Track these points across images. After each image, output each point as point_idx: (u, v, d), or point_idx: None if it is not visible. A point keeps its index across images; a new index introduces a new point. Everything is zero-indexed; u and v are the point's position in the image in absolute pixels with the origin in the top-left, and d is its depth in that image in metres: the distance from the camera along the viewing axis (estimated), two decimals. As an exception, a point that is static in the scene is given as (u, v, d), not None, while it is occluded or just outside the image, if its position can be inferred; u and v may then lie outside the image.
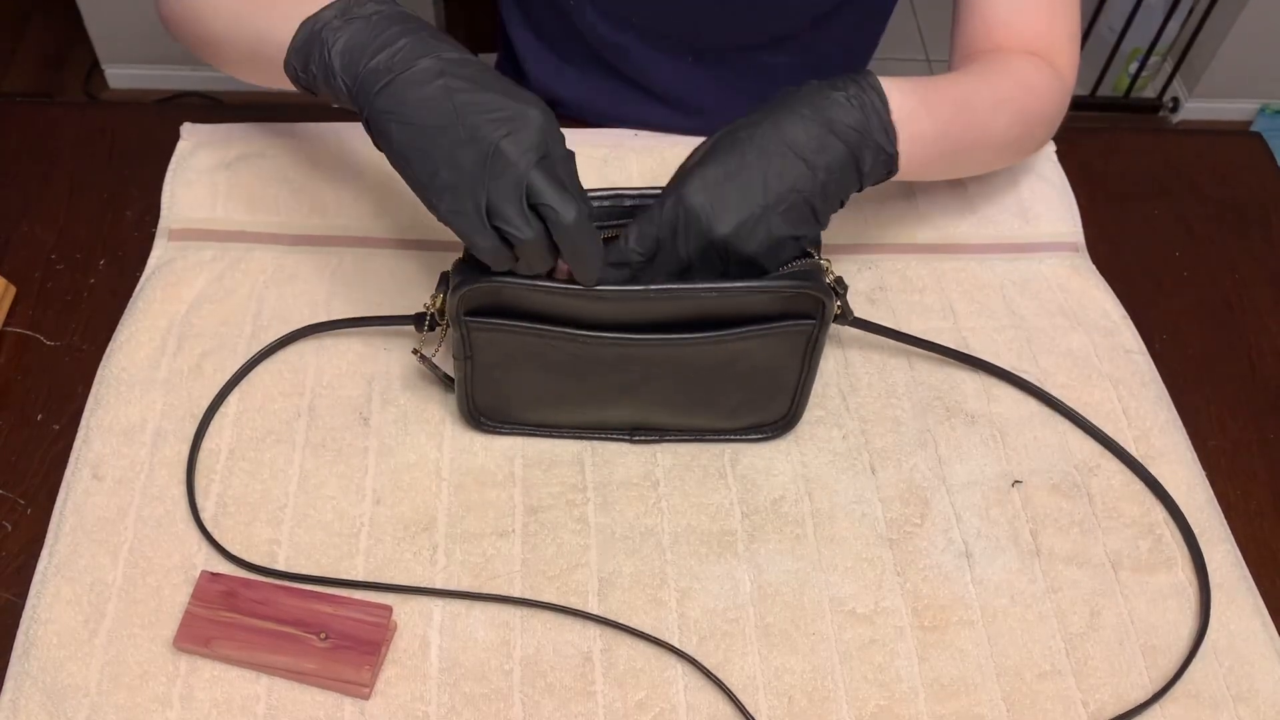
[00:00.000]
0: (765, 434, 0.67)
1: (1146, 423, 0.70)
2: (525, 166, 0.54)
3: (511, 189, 0.54)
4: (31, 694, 0.55)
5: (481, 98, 0.55)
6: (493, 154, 0.54)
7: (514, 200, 0.54)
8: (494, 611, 0.60)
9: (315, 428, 0.67)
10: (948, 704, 0.58)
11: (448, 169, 0.55)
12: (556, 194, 0.54)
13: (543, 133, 0.55)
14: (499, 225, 0.55)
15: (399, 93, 0.56)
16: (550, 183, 0.54)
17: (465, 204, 0.55)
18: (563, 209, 0.54)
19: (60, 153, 0.82)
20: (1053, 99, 0.74)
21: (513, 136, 0.54)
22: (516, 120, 0.55)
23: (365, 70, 0.57)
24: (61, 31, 2.29)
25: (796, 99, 0.60)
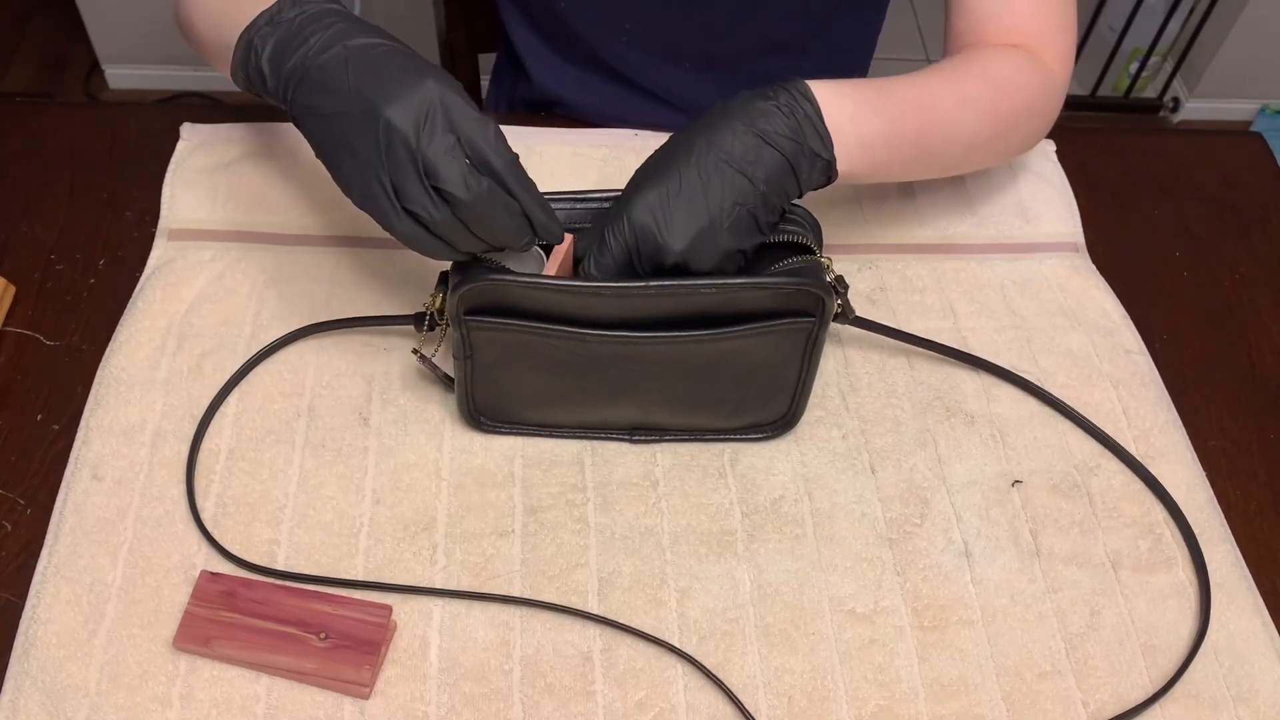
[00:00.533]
0: (765, 434, 0.67)
1: (1146, 423, 0.70)
2: (417, 141, 0.53)
3: (409, 166, 0.54)
4: (31, 694, 0.55)
5: (375, 75, 0.55)
6: (383, 131, 0.53)
7: (413, 178, 0.54)
8: (494, 611, 0.60)
9: (315, 428, 0.67)
10: (948, 704, 0.58)
11: (350, 155, 0.55)
12: (449, 171, 0.53)
13: (433, 102, 0.54)
14: (409, 207, 0.54)
15: (309, 87, 0.57)
16: (442, 158, 0.53)
17: (373, 188, 0.55)
18: (454, 186, 0.54)
19: (60, 153, 0.82)
20: (1035, 95, 0.73)
21: (399, 109, 0.53)
22: (405, 92, 0.54)
23: (285, 72, 0.58)
24: (61, 31, 2.29)
25: (728, 113, 0.60)
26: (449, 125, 0.54)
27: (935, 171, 0.73)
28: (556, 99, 0.94)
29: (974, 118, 0.70)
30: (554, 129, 0.85)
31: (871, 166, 0.65)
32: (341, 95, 0.55)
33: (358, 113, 0.54)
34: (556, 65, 0.93)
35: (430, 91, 0.54)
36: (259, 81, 0.61)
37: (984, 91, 0.70)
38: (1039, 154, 0.86)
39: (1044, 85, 0.73)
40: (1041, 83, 0.73)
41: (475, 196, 0.54)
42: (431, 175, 0.54)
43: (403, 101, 0.54)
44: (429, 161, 0.53)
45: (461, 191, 0.54)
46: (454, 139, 0.54)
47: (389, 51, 0.57)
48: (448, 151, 0.54)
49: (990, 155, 0.75)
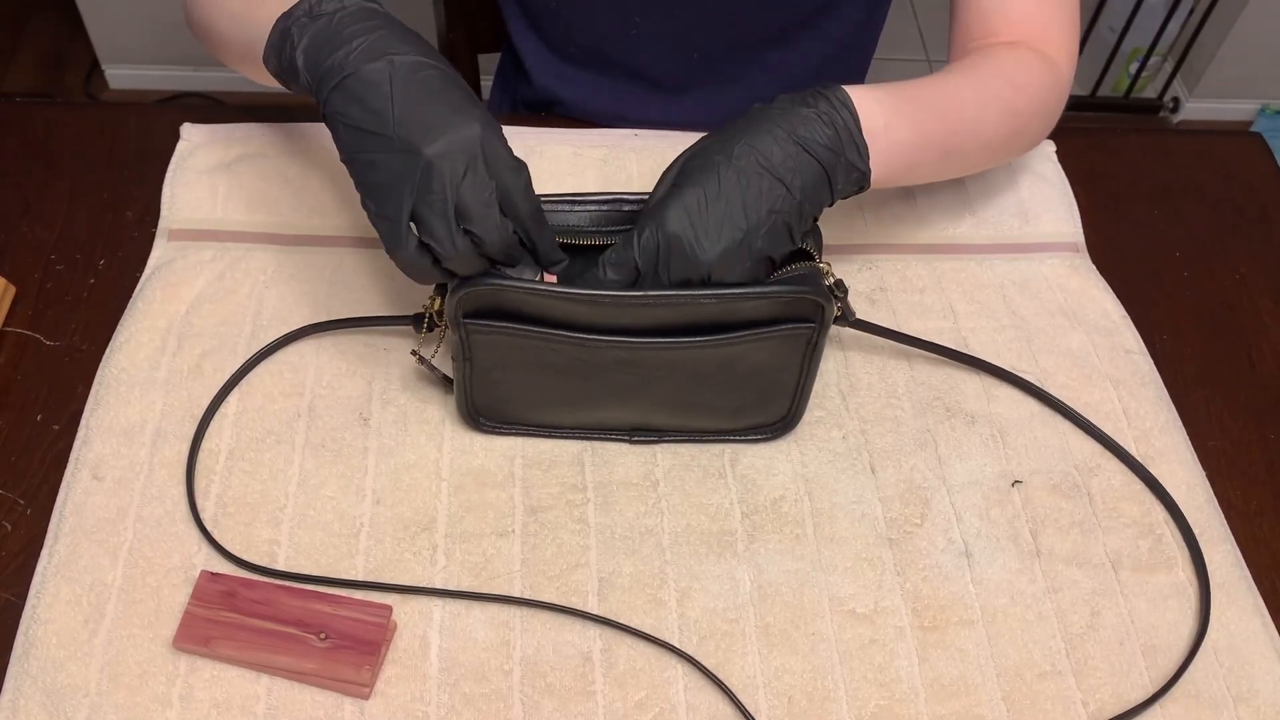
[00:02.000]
0: (765, 434, 0.67)
1: (1146, 423, 0.70)
2: (458, 186, 0.54)
3: (439, 205, 0.54)
4: (31, 694, 0.55)
5: (423, 109, 0.55)
6: (424, 168, 0.54)
7: (441, 216, 0.54)
8: (494, 611, 0.60)
9: (315, 428, 0.67)
10: (948, 704, 0.58)
11: (383, 176, 0.55)
12: (484, 220, 0.55)
13: (479, 149, 0.55)
14: (428, 240, 0.55)
15: (347, 94, 0.57)
16: (479, 206, 0.55)
17: (391, 210, 0.55)
18: (487, 233, 0.55)
19: (60, 153, 0.82)
20: (1046, 92, 0.73)
21: (446, 152, 0.54)
22: (452, 135, 0.54)
23: (322, 69, 0.58)
24: (61, 31, 2.29)
25: (768, 118, 0.59)
26: (489, 172, 0.55)
27: (955, 172, 0.73)
28: (557, 99, 0.94)
29: (994, 118, 0.70)
30: (554, 129, 0.85)
31: (901, 172, 0.65)
32: (383, 118, 0.55)
33: (398, 141, 0.55)
34: (556, 65, 0.93)
35: (475, 137, 0.55)
36: (290, 72, 0.60)
37: (1002, 91, 0.70)
38: (1039, 154, 0.86)
39: (1054, 82, 0.74)
40: (1052, 80, 0.74)
41: (502, 241, 0.56)
42: (464, 218, 0.55)
43: (448, 144, 0.54)
44: (464, 206, 0.54)
45: (494, 238, 0.56)
46: (493, 187, 0.55)
47: (436, 78, 0.57)
48: (486, 201, 0.55)
49: (1006, 153, 0.75)
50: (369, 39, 0.57)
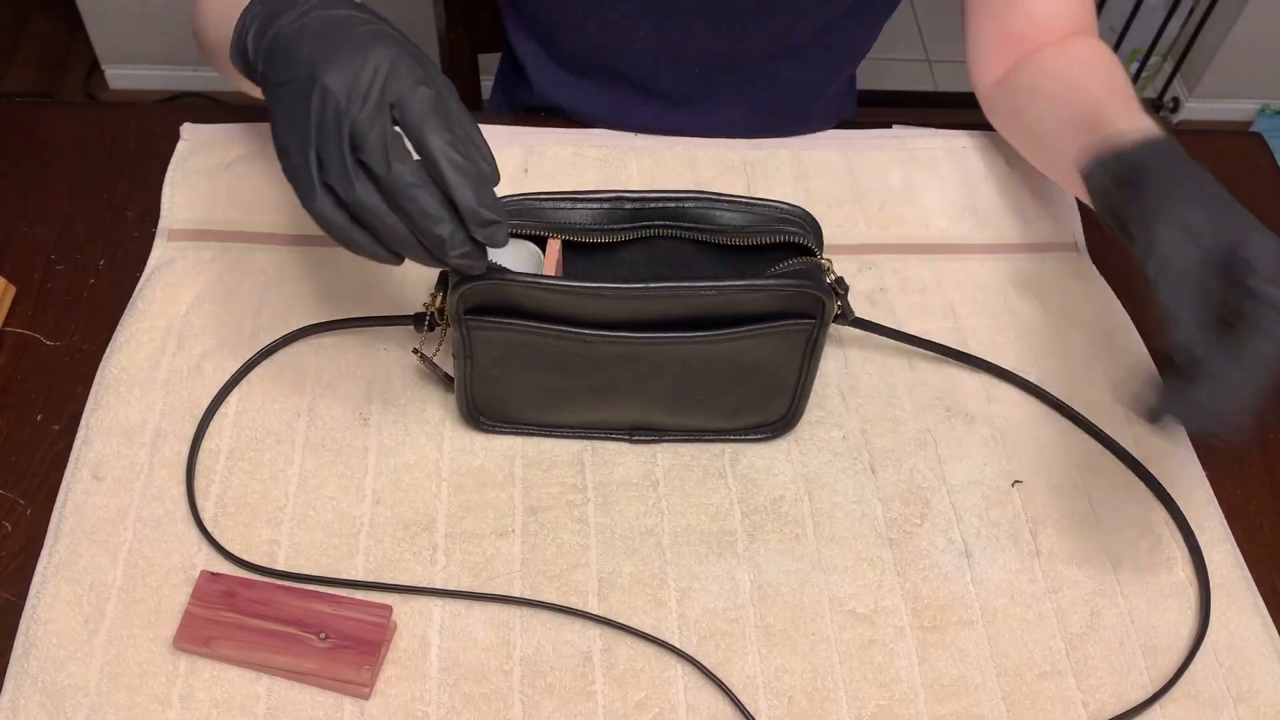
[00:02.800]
0: (765, 434, 0.67)
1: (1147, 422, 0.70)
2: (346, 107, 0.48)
3: (334, 135, 0.48)
4: (31, 694, 0.55)
5: (328, 43, 0.50)
6: (318, 97, 0.49)
7: (336, 148, 0.49)
8: (494, 611, 0.60)
9: (315, 428, 0.67)
10: (948, 704, 0.58)
11: (288, 123, 0.50)
12: (370, 139, 0.48)
13: (377, 67, 0.49)
14: (329, 181, 0.49)
15: (273, 59, 0.53)
16: (365, 124, 0.48)
17: (297, 159, 0.50)
18: (372, 156, 0.48)
19: (60, 153, 0.82)
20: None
21: (337, 73, 0.48)
22: (351, 60, 0.49)
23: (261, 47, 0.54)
24: (61, 31, 2.29)
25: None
26: (387, 91, 0.49)
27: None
28: (557, 106, 0.94)
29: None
30: (554, 129, 0.85)
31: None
32: (292, 63, 0.51)
33: (302, 78, 0.50)
34: (557, 73, 0.93)
35: (377, 57, 0.49)
36: (242, 61, 0.57)
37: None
38: (1039, 154, 0.86)
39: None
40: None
41: (395, 172, 0.48)
42: (356, 146, 0.49)
43: (343, 66, 0.49)
44: (355, 129, 0.48)
45: (379, 163, 0.48)
46: (387, 106, 0.49)
47: (356, 21, 0.52)
48: (373, 117, 0.48)
49: None
50: (304, 6, 0.53)
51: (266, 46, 0.54)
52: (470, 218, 0.50)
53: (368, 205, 0.50)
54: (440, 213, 0.49)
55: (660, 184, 0.82)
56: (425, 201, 0.49)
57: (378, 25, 0.52)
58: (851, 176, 0.83)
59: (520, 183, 0.80)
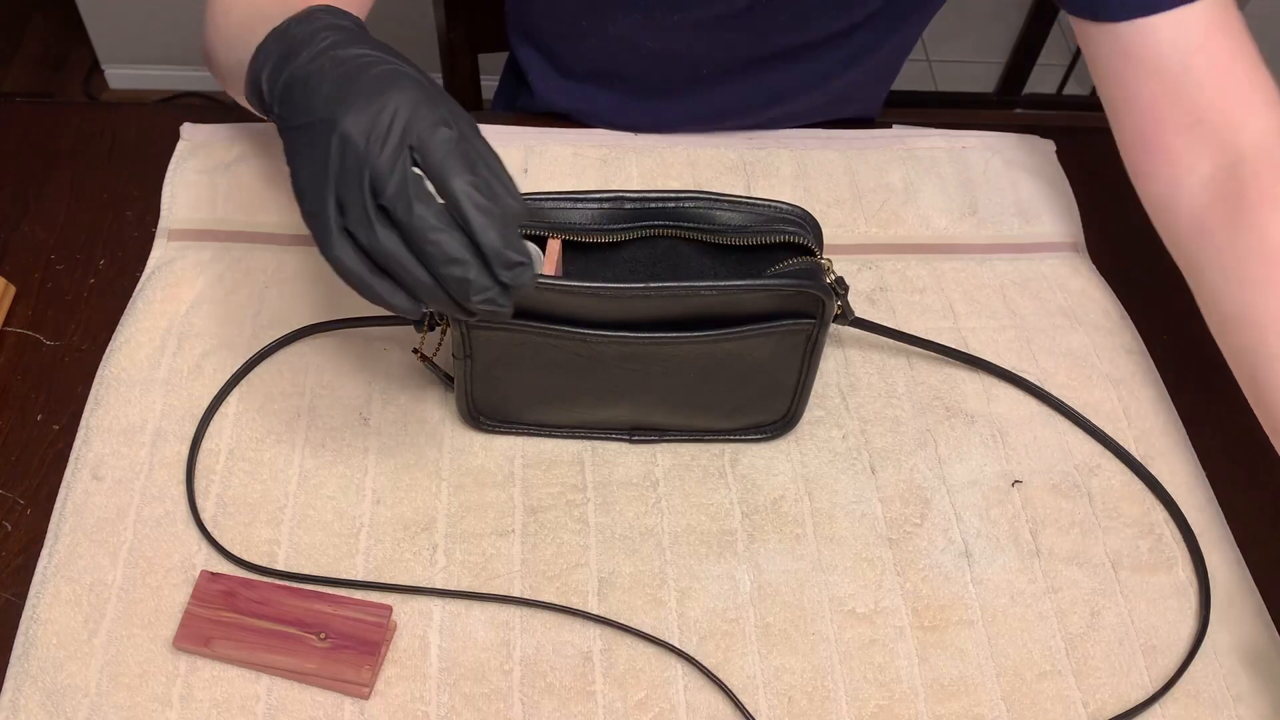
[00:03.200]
0: (765, 434, 0.67)
1: (1146, 423, 0.70)
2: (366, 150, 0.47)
3: (355, 179, 0.47)
4: (31, 694, 0.55)
5: (345, 85, 0.49)
6: (338, 141, 0.47)
7: (357, 192, 0.47)
8: (494, 611, 0.60)
9: (315, 428, 0.67)
10: (948, 704, 0.58)
11: (307, 165, 0.49)
12: (392, 182, 0.46)
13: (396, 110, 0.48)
14: (350, 227, 0.48)
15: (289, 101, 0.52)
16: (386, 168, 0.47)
17: (315, 202, 0.48)
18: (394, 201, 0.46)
19: (60, 153, 0.82)
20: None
21: (355, 116, 0.47)
22: (366, 101, 0.48)
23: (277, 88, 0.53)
24: (61, 31, 2.29)
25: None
26: (406, 134, 0.48)
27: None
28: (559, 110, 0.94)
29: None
30: (554, 129, 0.85)
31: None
32: (311, 107, 0.50)
33: (319, 121, 0.49)
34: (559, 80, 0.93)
35: (396, 98, 0.48)
36: (257, 101, 0.56)
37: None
38: (1039, 154, 0.86)
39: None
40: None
41: (417, 216, 0.47)
42: (376, 190, 0.47)
43: (361, 109, 0.48)
44: (375, 173, 0.47)
45: (403, 208, 0.47)
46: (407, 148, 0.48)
47: (372, 61, 0.51)
48: (393, 160, 0.47)
49: None
50: (318, 46, 0.52)
51: (282, 88, 0.52)
52: (495, 259, 0.48)
53: (390, 252, 0.48)
54: (464, 255, 0.48)
55: (660, 184, 0.82)
56: (449, 245, 0.47)
57: (395, 64, 0.51)
58: (851, 176, 0.83)
59: (520, 183, 0.80)
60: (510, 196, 0.49)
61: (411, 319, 0.52)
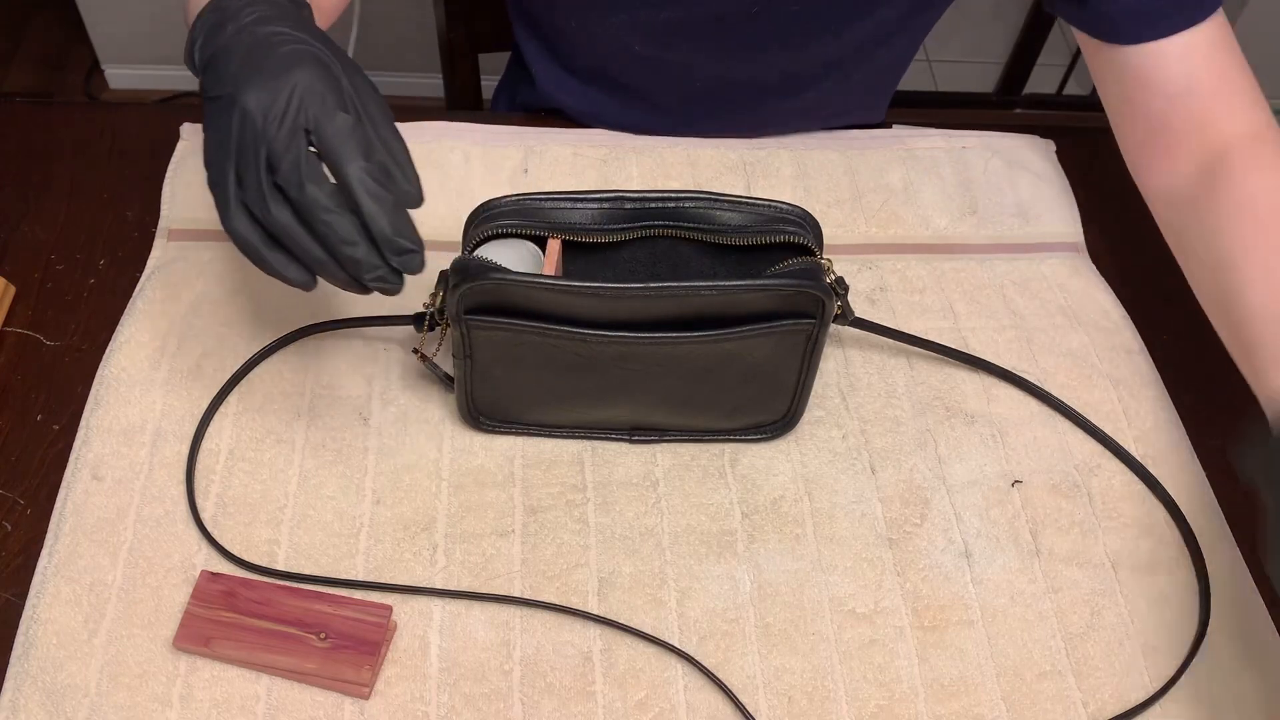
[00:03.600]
0: (765, 434, 0.67)
1: (1146, 423, 0.70)
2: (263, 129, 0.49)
3: (252, 155, 0.49)
4: (31, 694, 0.55)
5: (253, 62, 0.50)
6: (240, 117, 0.49)
7: (254, 169, 0.49)
8: (494, 611, 0.60)
9: (315, 428, 0.67)
10: (948, 704, 0.58)
11: (213, 139, 0.51)
12: (285, 162, 0.48)
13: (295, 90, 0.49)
14: (246, 201, 0.50)
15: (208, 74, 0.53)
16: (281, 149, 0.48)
17: (218, 177, 0.50)
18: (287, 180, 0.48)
19: (60, 153, 0.82)
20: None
21: (255, 94, 0.49)
22: (268, 79, 0.49)
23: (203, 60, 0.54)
24: (61, 31, 2.29)
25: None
26: (304, 115, 0.49)
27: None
28: (561, 106, 0.94)
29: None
30: (554, 129, 0.85)
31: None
32: (223, 79, 0.51)
33: (226, 96, 0.50)
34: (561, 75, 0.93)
35: (296, 78, 0.49)
36: (191, 70, 0.56)
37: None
38: (1039, 154, 0.86)
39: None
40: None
41: (308, 195, 0.48)
42: (272, 168, 0.49)
43: (262, 87, 0.49)
44: (270, 151, 0.49)
45: (293, 187, 0.48)
46: (302, 130, 0.49)
47: (283, 40, 0.52)
48: (288, 140, 0.49)
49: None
50: (243, 21, 0.53)
51: (207, 59, 0.54)
52: (385, 245, 0.50)
53: (284, 227, 0.50)
54: (353, 237, 0.49)
55: (660, 184, 0.82)
56: (339, 226, 0.49)
57: (306, 45, 0.52)
58: (851, 176, 0.83)
59: (520, 183, 0.80)
60: (406, 183, 0.51)
61: (305, 290, 0.53)
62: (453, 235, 0.67)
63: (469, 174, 0.80)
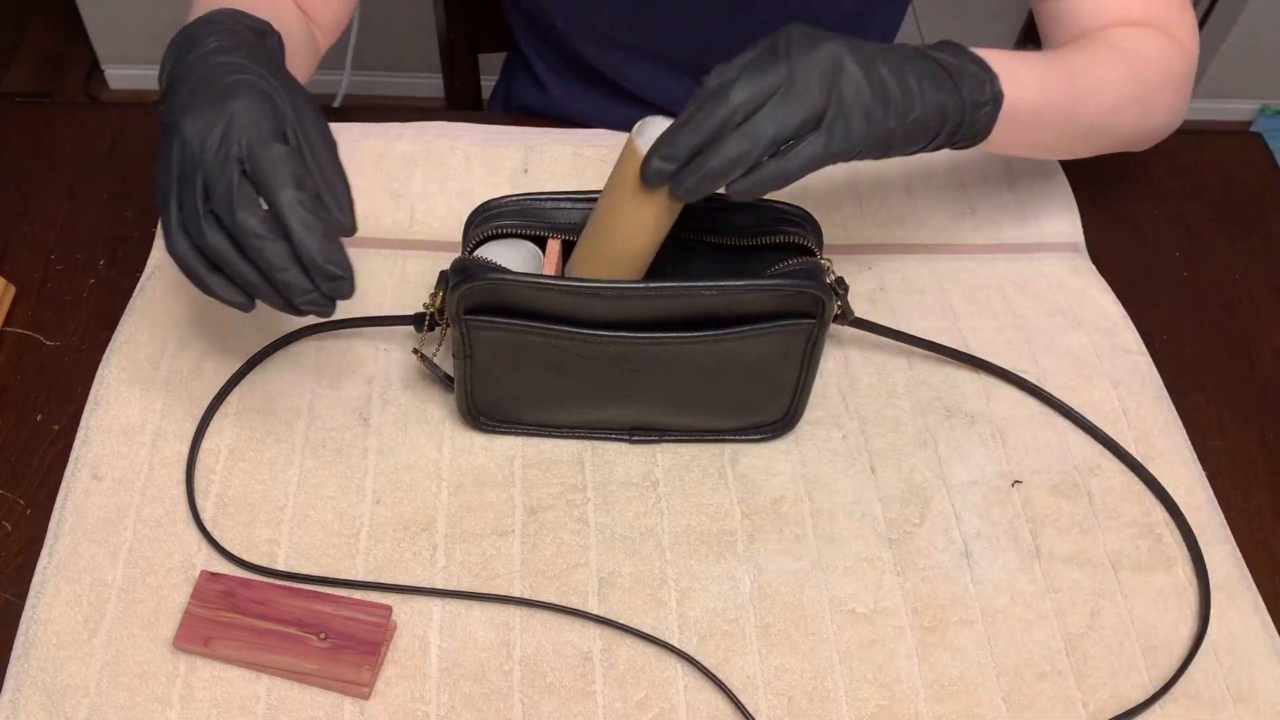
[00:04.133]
0: (765, 434, 0.67)
1: (1146, 423, 0.70)
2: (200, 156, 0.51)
3: (191, 181, 0.52)
4: (31, 694, 0.55)
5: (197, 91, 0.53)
6: (178, 142, 0.52)
7: (192, 194, 0.52)
8: (494, 611, 0.60)
9: (315, 428, 0.67)
10: (948, 704, 0.58)
11: (160, 163, 0.54)
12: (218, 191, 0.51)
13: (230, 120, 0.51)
14: (185, 225, 0.52)
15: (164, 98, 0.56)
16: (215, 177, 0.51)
17: (161, 201, 0.53)
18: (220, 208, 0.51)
19: (60, 153, 0.82)
20: (1170, 59, 0.71)
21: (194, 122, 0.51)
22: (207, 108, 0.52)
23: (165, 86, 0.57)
24: (61, 31, 2.29)
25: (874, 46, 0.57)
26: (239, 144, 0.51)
27: (1081, 141, 0.71)
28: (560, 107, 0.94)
29: (1116, 75, 0.69)
30: (554, 129, 0.85)
31: (1028, 116, 0.63)
32: (172, 106, 0.54)
33: (171, 124, 0.53)
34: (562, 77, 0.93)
35: (234, 109, 0.52)
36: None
37: (1114, 56, 0.69)
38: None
39: (1179, 53, 0.72)
40: (1176, 51, 0.72)
41: (240, 222, 0.51)
42: (208, 195, 0.51)
43: (201, 116, 0.52)
44: (206, 179, 0.51)
45: (225, 214, 0.51)
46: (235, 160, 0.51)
47: (229, 69, 0.54)
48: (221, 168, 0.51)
49: (1135, 120, 0.72)
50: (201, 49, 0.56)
51: (167, 84, 0.57)
52: (314, 272, 0.52)
53: (219, 252, 0.52)
54: (285, 263, 0.51)
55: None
56: (269, 251, 0.51)
57: (250, 75, 0.54)
58: (851, 176, 0.83)
59: (520, 183, 0.80)
60: (339, 211, 0.53)
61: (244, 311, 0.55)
62: (453, 235, 0.67)
63: (469, 174, 0.80)
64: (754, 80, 0.53)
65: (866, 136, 0.54)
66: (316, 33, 0.76)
